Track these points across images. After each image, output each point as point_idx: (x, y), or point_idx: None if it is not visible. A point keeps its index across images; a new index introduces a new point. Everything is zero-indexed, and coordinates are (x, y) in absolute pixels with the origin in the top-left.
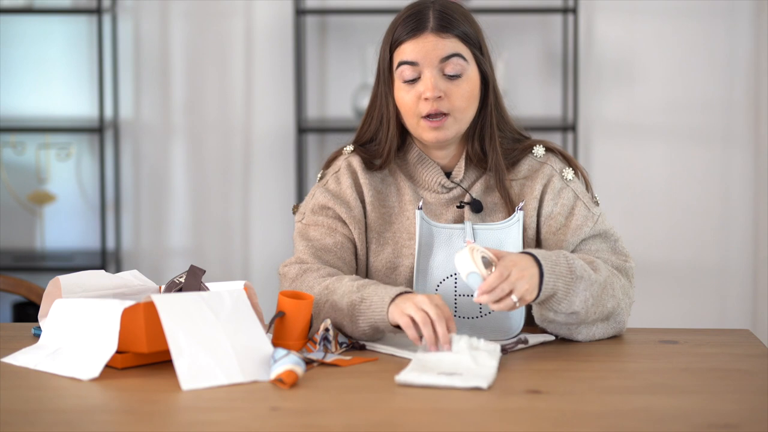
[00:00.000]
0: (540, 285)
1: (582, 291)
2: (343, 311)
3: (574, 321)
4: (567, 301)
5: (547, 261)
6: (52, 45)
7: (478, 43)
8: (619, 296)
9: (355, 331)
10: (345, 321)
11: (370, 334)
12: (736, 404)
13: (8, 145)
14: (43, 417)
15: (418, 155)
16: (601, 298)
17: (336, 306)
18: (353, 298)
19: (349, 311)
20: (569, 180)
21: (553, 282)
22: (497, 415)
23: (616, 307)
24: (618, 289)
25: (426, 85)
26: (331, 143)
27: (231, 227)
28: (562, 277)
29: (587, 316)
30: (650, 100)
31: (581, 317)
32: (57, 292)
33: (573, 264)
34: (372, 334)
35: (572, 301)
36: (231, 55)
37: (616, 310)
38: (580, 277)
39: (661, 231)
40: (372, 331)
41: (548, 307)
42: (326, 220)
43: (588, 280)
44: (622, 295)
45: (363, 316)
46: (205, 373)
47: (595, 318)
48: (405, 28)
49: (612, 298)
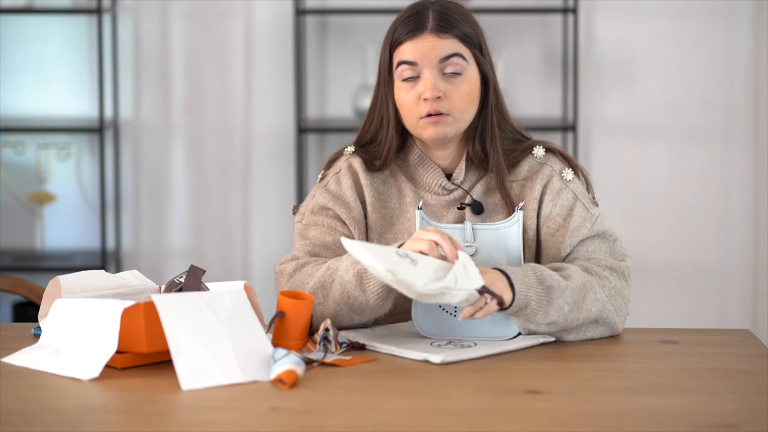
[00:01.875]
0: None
1: (555, 299)
2: (352, 283)
3: (556, 330)
4: (542, 312)
5: (515, 274)
6: (52, 45)
7: (478, 44)
8: (603, 299)
9: (369, 299)
10: (356, 292)
11: (384, 295)
12: (736, 404)
13: (8, 145)
14: (43, 417)
15: (419, 156)
16: (581, 303)
17: (343, 281)
18: (358, 268)
19: (357, 281)
20: (569, 181)
21: (525, 292)
22: (497, 415)
23: (602, 310)
24: (601, 292)
25: (425, 85)
26: (331, 143)
27: (231, 227)
28: (533, 288)
29: (569, 323)
30: (650, 100)
31: (561, 325)
32: (57, 292)
33: (541, 275)
34: (386, 295)
35: (547, 311)
36: (231, 55)
37: (603, 313)
38: (549, 287)
39: (661, 231)
40: (385, 291)
41: (524, 319)
42: (326, 220)
43: (558, 288)
44: (609, 298)
45: (372, 281)
46: (205, 373)
47: (579, 323)
48: (405, 29)
49: (595, 302)
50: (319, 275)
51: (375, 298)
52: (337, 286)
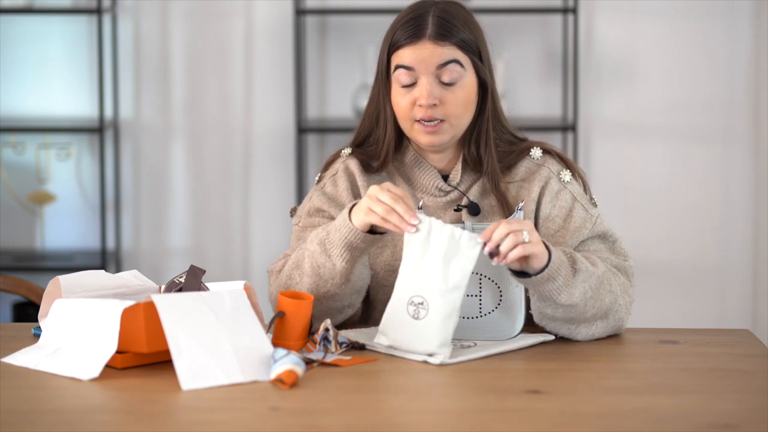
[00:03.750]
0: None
1: (581, 282)
2: (318, 251)
3: (573, 315)
4: (566, 292)
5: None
6: (52, 45)
7: (477, 50)
8: (617, 292)
9: (336, 262)
10: (323, 259)
11: (349, 256)
12: (736, 404)
13: (8, 145)
14: (43, 417)
15: (414, 157)
16: (598, 292)
17: (311, 253)
18: (320, 236)
19: (322, 249)
20: (567, 182)
21: (557, 264)
22: (497, 415)
23: (613, 304)
24: (616, 285)
25: (421, 91)
26: (331, 143)
27: (231, 227)
28: (564, 266)
29: (585, 311)
30: (650, 100)
31: (579, 311)
32: (57, 292)
33: (572, 256)
34: (351, 255)
35: (572, 292)
36: (231, 55)
37: (614, 306)
38: (578, 270)
39: (661, 231)
40: (349, 251)
41: (548, 296)
42: (321, 221)
43: (586, 272)
44: (621, 292)
45: (334, 245)
46: (205, 373)
47: (593, 313)
48: (404, 33)
49: (609, 294)
50: (293, 257)
51: (340, 261)
52: (308, 261)
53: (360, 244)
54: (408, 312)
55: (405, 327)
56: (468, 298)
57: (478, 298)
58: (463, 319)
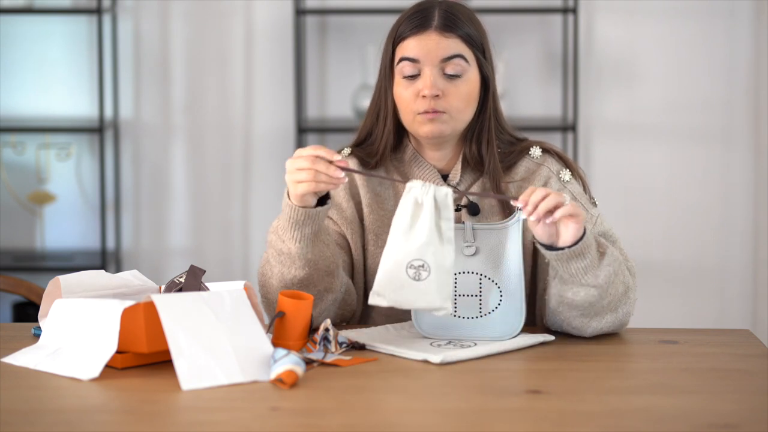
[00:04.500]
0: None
1: (606, 266)
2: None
3: (593, 301)
4: (593, 273)
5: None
6: (52, 45)
7: (481, 46)
8: (628, 284)
9: (290, 245)
10: (279, 244)
11: (300, 235)
12: (736, 404)
13: (8, 145)
14: (43, 417)
15: (413, 156)
16: (617, 278)
17: (271, 243)
18: (275, 225)
19: (277, 236)
20: (566, 182)
21: (589, 241)
22: (497, 415)
23: (624, 295)
24: (628, 277)
25: (425, 82)
26: (331, 143)
27: (231, 227)
28: (593, 246)
29: (604, 296)
30: (650, 100)
31: (600, 295)
32: (57, 292)
33: (599, 240)
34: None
35: (597, 274)
36: (231, 55)
37: (624, 298)
38: (603, 253)
39: (660, 231)
40: (299, 230)
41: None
42: None
43: (611, 256)
44: (632, 283)
45: (284, 229)
46: (205, 373)
47: (609, 301)
48: (409, 25)
49: (622, 284)
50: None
51: (294, 243)
52: (271, 252)
53: (306, 219)
54: (408, 274)
55: (406, 288)
56: (468, 298)
57: (478, 298)
58: (463, 319)
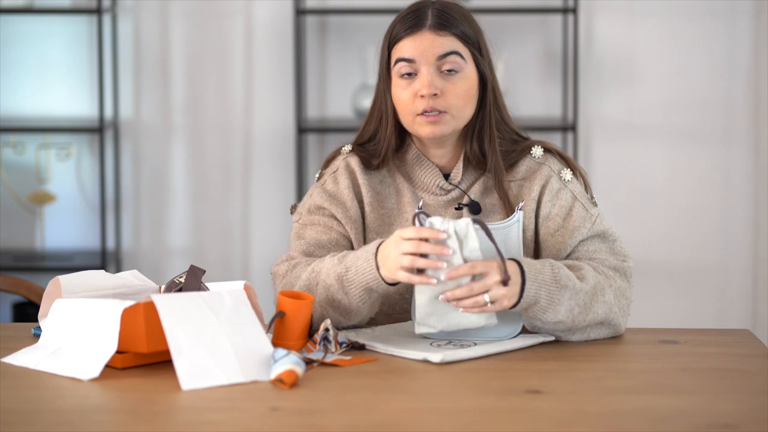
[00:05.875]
0: (521, 293)
1: (567, 300)
2: (334, 286)
3: (561, 329)
4: (551, 310)
5: (531, 269)
6: (52, 45)
7: (476, 43)
8: (610, 302)
9: (352, 301)
10: (339, 295)
11: (366, 298)
12: (736, 404)
13: (8, 145)
14: (43, 417)
15: (416, 155)
16: (589, 306)
17: (326, 284)
18: (338, 271)
19: (339, 285)
20: (567, 181)
21: (535, 290)
22: (497, 415)
23: (608, 313)
24: (610, 294)
25: (422, 82)
26: (331, 143)
27: (231, 227)
28: (545, 286)
29: (574, 324)
30: (650, 100)
31: (567, 326)
32: (57, 292)
33: (558, 273)
34: (368, 297)
35: (557, 310)
36: (231, 55)
37: (609, 316)
38: (564, 287)
39: (660, 231)
40: (367, 294)
41: (532, 315)
42: (322, 219)
43: (573, 290)
44: (615, 300)
45: (353, 284)
46: (205, 373)
47: (585, 325)
48: (403, 26)
49: (603, 305)
50: (304, 278)
51: (357, 301)
52: (321, 289)
53: (381, 290)
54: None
55: (450, 314)
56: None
57: None
58: None
